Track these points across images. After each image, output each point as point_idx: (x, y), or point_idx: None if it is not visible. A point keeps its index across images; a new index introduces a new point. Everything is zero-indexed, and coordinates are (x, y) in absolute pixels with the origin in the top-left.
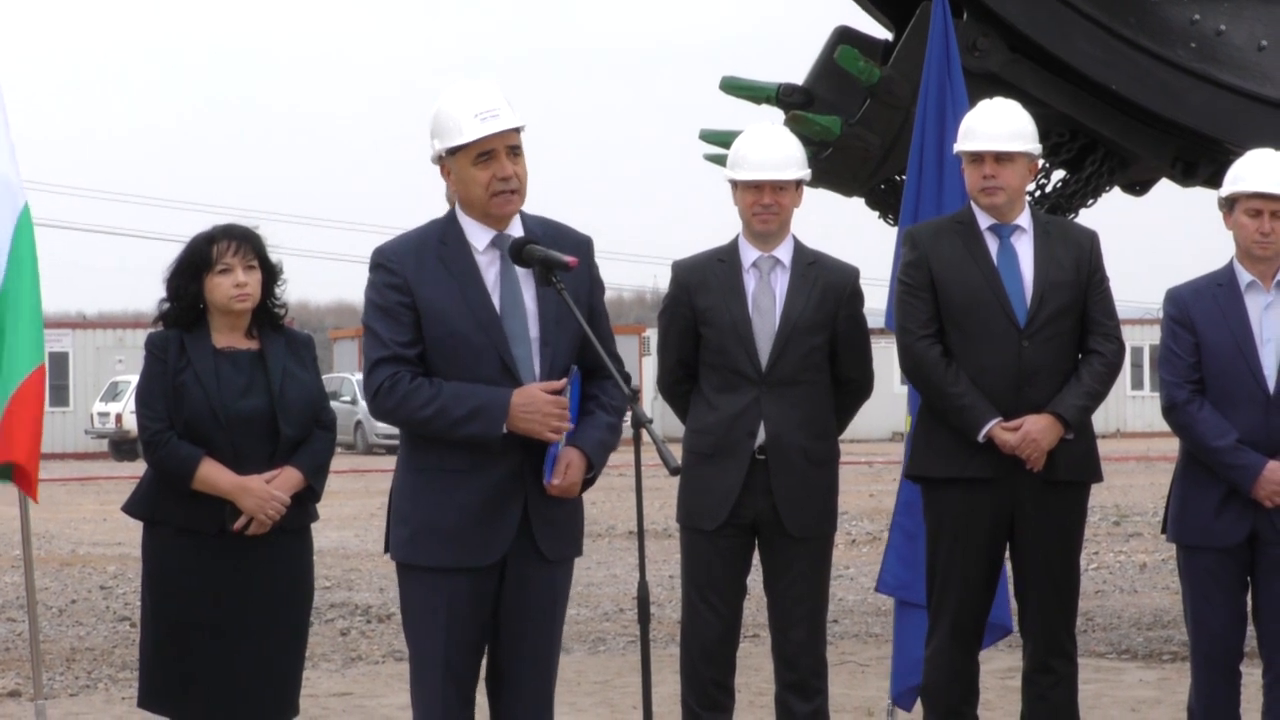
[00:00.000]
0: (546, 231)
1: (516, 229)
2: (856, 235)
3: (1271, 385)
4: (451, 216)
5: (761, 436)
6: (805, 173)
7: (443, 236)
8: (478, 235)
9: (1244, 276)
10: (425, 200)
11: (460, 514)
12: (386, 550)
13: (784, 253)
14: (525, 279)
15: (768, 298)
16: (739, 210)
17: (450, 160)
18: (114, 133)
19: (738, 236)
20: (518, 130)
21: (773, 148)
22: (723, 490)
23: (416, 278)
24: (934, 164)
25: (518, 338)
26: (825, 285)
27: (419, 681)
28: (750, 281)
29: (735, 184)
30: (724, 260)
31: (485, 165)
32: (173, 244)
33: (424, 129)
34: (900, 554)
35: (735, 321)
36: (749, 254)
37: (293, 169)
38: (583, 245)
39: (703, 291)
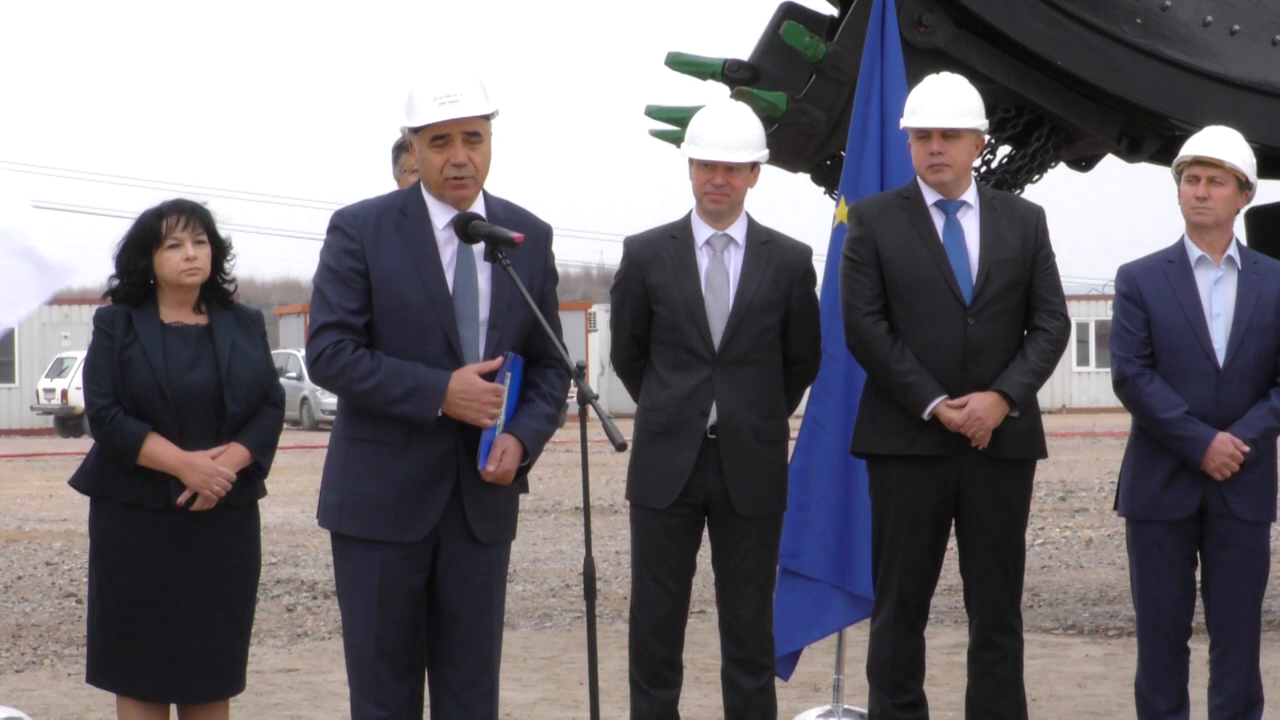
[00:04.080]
0: (509, 215)
1: (479, 210)
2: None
3: (1221, 359)
4: (416, 189)
5: (714, 416)
6: (761, 154)
7: (404, 208)
8: (438, 213)
9: (1194, 252)
10: (373, 176)
11: (389, 487)
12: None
13: (737, 231)
14: (481, 261)
15: (721, 276)
16: (693, 187)
17: (414, 139)
18: (61, 109)
19: (691, 212)
20: (484, 118)
21: (729, 129)
22: (675, 469)
23: (373, 245)
24: (876, 139)
25: (467, 319)
26: (779, 264)
27: (351, 655)
28: (703, 259)
29: (691, 160)
30: (676, 237)
31: (440, 150)
32: (120, 220)
33: (375, 106)
34: (788, 523)
35: (688, 300)
36: (702, 231)
37: (240, 144)
38: (541, 232)
39: (655, 268)
